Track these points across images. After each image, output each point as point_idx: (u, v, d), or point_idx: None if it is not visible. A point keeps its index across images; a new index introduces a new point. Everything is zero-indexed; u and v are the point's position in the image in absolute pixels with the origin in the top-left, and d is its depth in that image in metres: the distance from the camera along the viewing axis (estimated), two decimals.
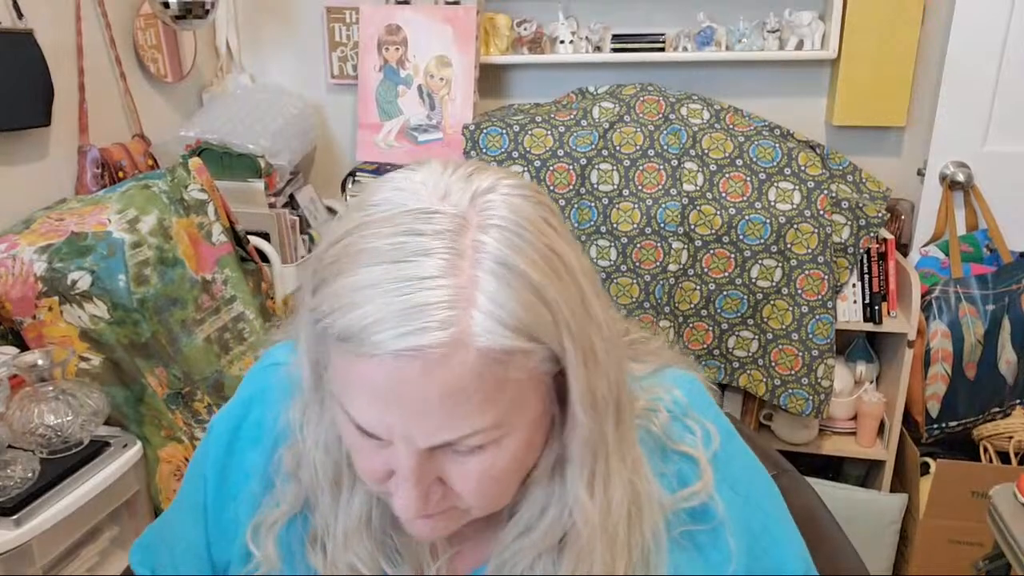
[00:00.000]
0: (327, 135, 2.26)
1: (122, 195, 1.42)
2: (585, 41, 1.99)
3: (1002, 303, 1.74)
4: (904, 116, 1.89)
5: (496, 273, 0.44)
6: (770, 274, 1.71)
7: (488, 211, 0.46)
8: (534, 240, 0.46)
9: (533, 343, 0.46)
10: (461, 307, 0.43)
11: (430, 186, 0.48)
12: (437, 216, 0.45)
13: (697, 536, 0.58)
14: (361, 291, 0.44)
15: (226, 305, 1.55)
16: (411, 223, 0.45)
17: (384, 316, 0.43)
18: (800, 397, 1.75)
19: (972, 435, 1.81)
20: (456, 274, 0.44)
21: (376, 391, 0.45)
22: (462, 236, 0.45)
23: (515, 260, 0.45)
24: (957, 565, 1.70)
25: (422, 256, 0.44)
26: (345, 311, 0.44)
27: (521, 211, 0.47)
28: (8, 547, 1.05)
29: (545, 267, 0.46)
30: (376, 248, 0.45)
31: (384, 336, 0.43)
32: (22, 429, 1.15)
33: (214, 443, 0.66)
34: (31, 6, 1.51)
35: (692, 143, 1.75)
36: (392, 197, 0.47)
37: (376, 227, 0.46)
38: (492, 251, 0.45)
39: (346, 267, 0.45)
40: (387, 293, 0.43)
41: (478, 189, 0.48)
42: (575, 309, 0.47)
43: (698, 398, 0.62)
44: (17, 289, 1.25)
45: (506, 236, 0.46)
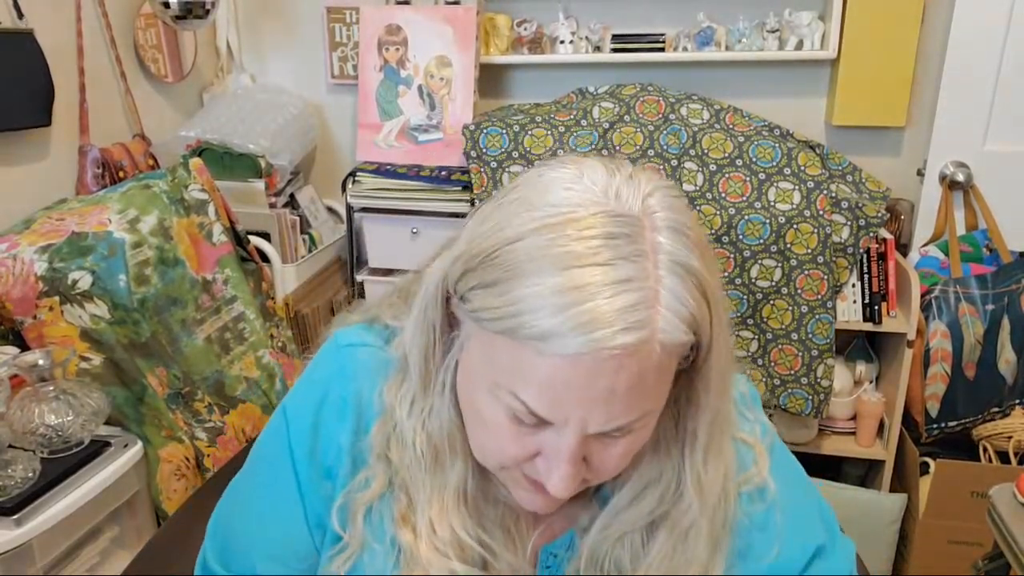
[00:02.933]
0: (327, 135, 2.27)
1: (123, 195, 1.42)
2: (585, 41, 1.99)
3: (1002, 303, 1.74)
4: (904, 116, 1.89)
5: (675, 272, 0.48)
6: (770, 274, 1.71)
7: (656, 213, 0.49)
8: (696, 239, 0.50)
9: (696, 336, 0.49)
10: (651, 307, 0.47)
11: (600, 187, 0.50)
12: (623, 219, 0.48)
13: (752, 515, 0.62)
14: (573, 292, 0.46)
15: (226, 305, 1.55)
16: (604, 226, 0.48)
17: (581, 321, 0.45)
18: (800, 397, 1.75)
19: (972, 435, 1.82)
20: (644, 276, 0.47)
21: (564, 383, 0.48)
22: (644, 238, 0.48)
23: (688, 259, 0.48)
24: (957, 565, 1.70)
25: (620, 259, 0.47)
26: (534, 316, 0.46)
27: (681, 211, 0.51)
28: (9, 547, 1.05)
29: (706, 263, 0.50)
30: (556, 250, 0.47)
31: (600, 335, 0.45)
32: (23, 429, 1.15)
33: (296, 419, 0.65)
34: (31, 6, 1.51)
35: (692, 143, 1.75)
36: (569, 198, 0.49)
37: (567, 228, 0.48)
38: (669, 251, 0.48)
39: (532, 270, 0.47)
40: (598, 295, 0.46)
41: (644, 191, 0.50)
42: (721, 299, 0.51)
43: (754, 395, 0.68)
44: (18, 289, 1.25)
45: (677, 237, 0.49)
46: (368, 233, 1.97)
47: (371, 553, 0.61)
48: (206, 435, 1.42)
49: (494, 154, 1.81)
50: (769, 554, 0.62)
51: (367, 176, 1.91)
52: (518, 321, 0.47)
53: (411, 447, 0.59)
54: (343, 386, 0.64)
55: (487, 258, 0.49)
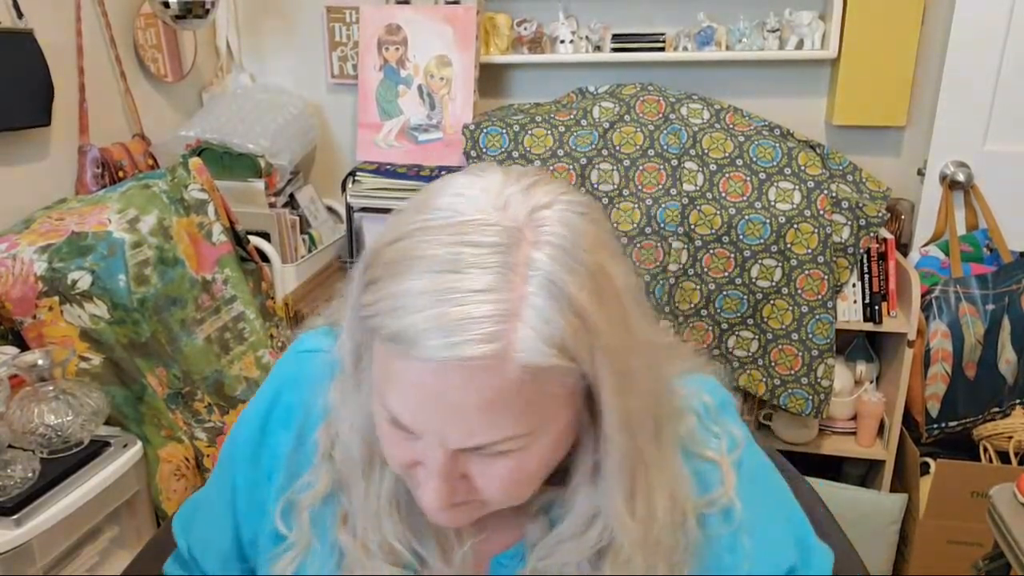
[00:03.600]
0: (327, 135, 2.26)
1: (122, 195, 1.42)
2: (585, 41, 1.99)
3: (1002, 303, 1.74)
4: (904, 116, 1.89)
5: (546, 291, 0.45)
6: (770, 274, 1.71)
7: (543, 227, 0.47)
8: (585, 260, 0.47)
9: (572, 363, 0.46)
10: (508, 322, 0.45)
11: (491, 196, 0.49)
12: (494, 228, 0.46)
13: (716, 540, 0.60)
14: (414, 297, 0.45)
15: (226, 305, 1.55)
16: (468, 233, 0.46)
17: (434, 325, 0.44)
18: (800, 397, 1.75)
19: (972, 435, 1.81)
20: (507, 288, 0.45)
21: (417, 392, 0.47)
22: (516, 251, 0.46)
23: (565, 280, 0.46)
24: (957, 565, 1.70)
25: (476, 268, 0.45)
26: (397, 315, 0.46)
27: (576, 229, 0.48)
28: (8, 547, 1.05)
29: (593, 289, 0.47)
30: (432, 256, 0.46)
31: (433, 344, 0.44)
32: (22, 429, 1.15)
33: (245, 426, 0.67)
34: (31, 6, 1.51)
35: (692, 143, 1.75)
36: (453, 203, 0.48)
37: (434, 234, 0.47)
38: (544, 269, 0.46)
39: (401, 270, 0.47)
40: (439, 303, 0.44)
41: (536, 203, 0.49)
42: (616, 331, 0.48)
43: (722, 403, 0.64)
44: (17, 289, 1.25)
45: (558, 255, 0.46)
46: (368, 233, 1.97)
47: (313, 554, 0.62)
48: (206, 435, 1.42)
49: (494, 154, 1.81)
50: None
51: (367, 176, 1.91)
52: (379, 321, 0.47)
53: (347, 449, 0.59)
54: (292, 394, 0.65)
55: (374, 257, 0.49)
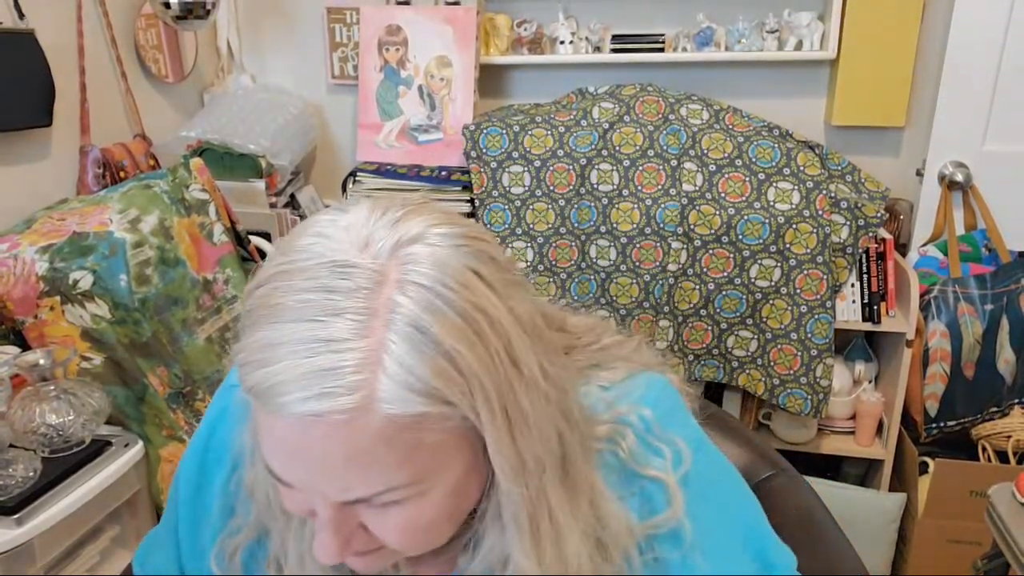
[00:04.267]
0: (328, 135, 2.27)
1: (123, 195, 1.43)
2: (585, 41, 2.00)
3: (1000, 303, 1.74)
4: (903, 116, 1.90)
5: (408, 337, 0.43)
6: (769, 274, 1.72)
7: (409, 265, 0.44)
8: (455, 299, 0.44)
9: (448, 407, 0.44)
10: (368, 371, 0.42)
11: (352, 234, 0.46)
12: (354, 272, 0.44)
13: (666, 562, 0.56)
14: (270, 349, 0.43)
15: (227, 305, 1.55)
16: (326, 278, 0.44)
17: (289, 378, 0.42)
18: (799, 396, 1.75)
19: (971, 434, 1.82)
20: (366, 335, 0.42)
21: (284, 447, 0.45)
22: (377, 294, 0.43)
23: (429, 322, 0.43)
24: (956, 564, 1.70)
25: (332, 316, 0.42)
26: (254, 367, 0.43)
27: (446, 265, 0.45)
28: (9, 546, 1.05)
29: (464, 328, 0.44)
30: (288, 304, 0.43)
31: (288, 399, 0.42)
32: (24, 428, 1.16)
33: (185, 466, 0.66)
34: (32, 6, 1.51)
35: (691, 143, 1.76)
36: (312, 246, 0.45)
37: (292, 278, 0.44)
38: (406, 313, 0.43)
39: (260, 319, 0.44)
40: (294, 354, 0.42)
41: (402, 238, 0.45)
42: (497, 370, 0.45)
43: (668, 410, 0.59)
44: (19, 289, 1.25)
45: (424, 296, 0.43)
46: None
47: None
48: None
49: (494, 154, 1.82)
50: None
51: (367, 176, 1.91)
52: (243, 372, 0.45)
53: (264, 493, 0.57)
54: (225, 429, 0.63)
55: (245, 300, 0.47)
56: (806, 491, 0.84)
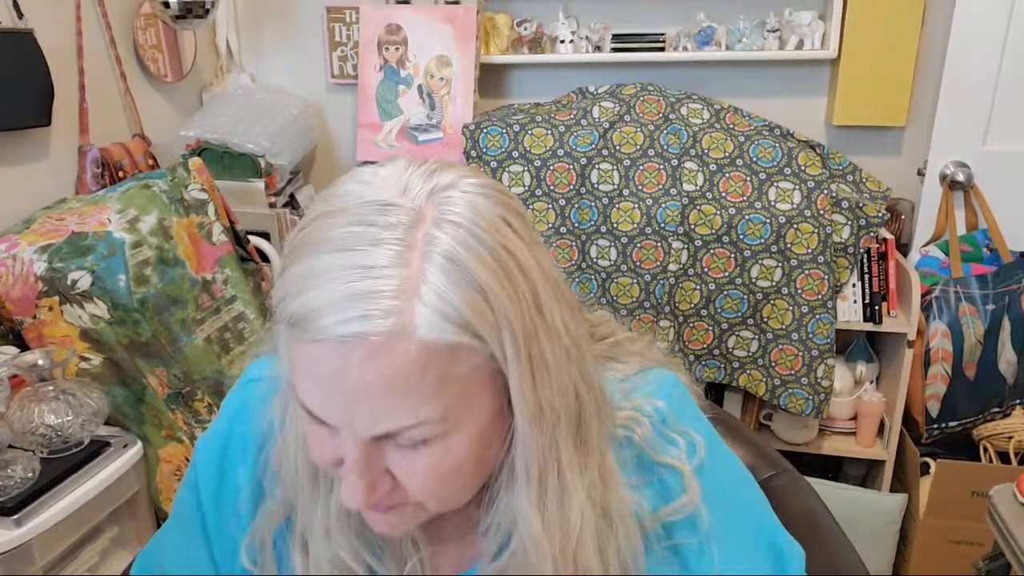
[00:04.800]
0: (327, 135, 2.27)
1: (122, 195, 1.42)
2: (585, 41, 1.99)
3: (1002, 303, 1.74)
4: (904, 116, 1.89)
5: (443, 268, 0.44)
6: (770, 274, 1.71)
7: (445, 207, 0.46)
8: (487, 239, 0.46)
9: (478, 340, 0.45)
10: (406, 298, 0.43)
11: (392, 181, 0.48)
12: (393, 208, 0.46)
13: (682, 548, 0.57)
14: (311, 277, 0.44)
15: (226, 305, 1.55)
16: (367, 214, 0.46)
17: (330, 301, 0.43)
18: (800, 397, 1.75)
19: (972, 435, 1.82)
20: (404, 265, 0.44)
21: (321, 376, 0.45)
22: (415, 229, 0.45)
23: (464, 256, 0.45)
24: (957, 565, 1.70)
25: (372, 246, 0.44)
26: (295, 296, 0.45)
27: (479, 209, 0.47)
28: (8, 547, 1.05)
29: (495, 267, 0.45)
30: (330, 237, 0.45)
31: (329, 321, 0.43)
32: (22, 429, 1.15)
33: (203, 463, 0.65)
34: (31, 6, 1.51)
35: (692, 143, 1.75)
36: (354, 189, 0.48)
37: (333, 217, 0.46)
38: (442, 246, 0.45)
39: (301, 253, 0.46)
40: (335, 279, 0.44)
41: (438, 185, 0.48)
42: (524, 312, 0.46)
43: (681, 405, 0.60)
44: (17, 289, 1.25)
45: (459, 233, 0.45)
46: None
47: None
48: None
49: (494, 154, 1.81)
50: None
51: None
52: (283, 305, 0.46)
53: (292, 463, 0.57)
54: (245, 425, 0.63)
55: (285, 248, 0.49)
56: (808, 491, 0.84)
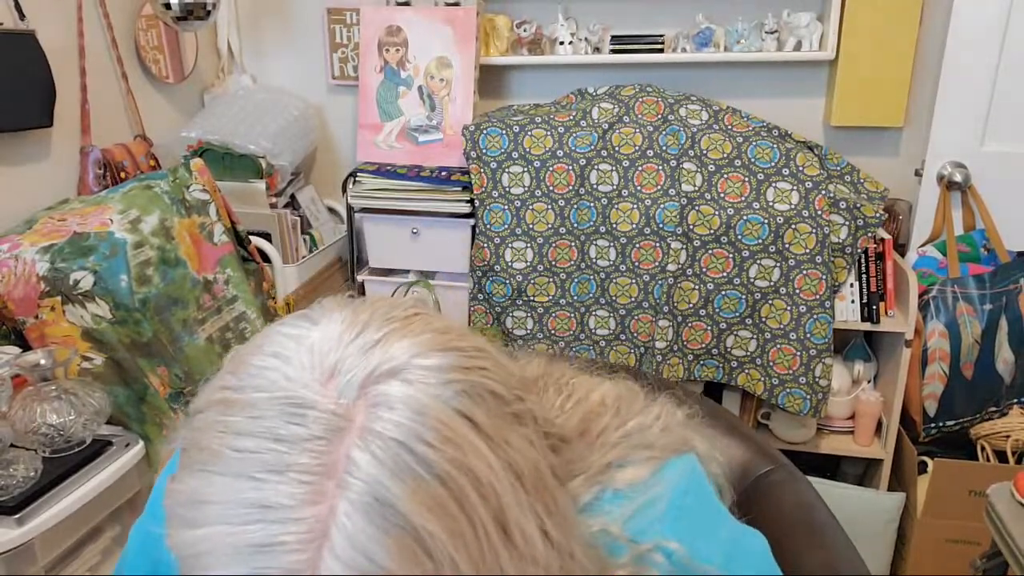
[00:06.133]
0: (328, 136, 2.27)
1: (124, 195, 1.43)
2: (584, 42, 2.00)
3: (999, 303, 1.74)
4: (902, 116, 1.90)
5: (365, 508, 0.34)
6: (768, 274, 1.72)
7: (379, 408, 0.36)
8: (433, 459, 0.35)
9: None
10: (313, 549, 0.34)
11: (317, 359, 0.38)
12: (309, 415, 0.36)
13: None
14: (199, 506, 0.36)
15: (228, 305, 1.55)
16: (275, 420, 0.36)
17: (217, 551, 0.35)
18: (798, 396, 1.75)
19: (969, 434, 1.82)
20: (315, 501, 0.34)
21: None
22: (336, 446, 0.35)
23: (394, 492, 0.34)
24: (954, 564, 1.71)
25: (276, 474, 0.35)
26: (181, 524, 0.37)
27: (427, 412, 0.36)
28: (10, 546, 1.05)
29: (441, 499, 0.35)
30: (224, 452, 0.36)
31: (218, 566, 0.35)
32: (24, 428, 1.16)
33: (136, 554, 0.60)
34: (33, 7, 1.51)
35: (691, 144, 1.76)
36: (266, 370, 0.38)
37: (235, 414, 0.37)
38: (365, 476, 0.34)
39: (193, 462, 0.37)
40: (225, 520, 0.35)
41: (376, 371, 0.37)
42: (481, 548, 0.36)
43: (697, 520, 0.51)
44: (19, 289, 1.26)
45: (392, 454, 0.35)
46: (369, 233, 1.98)
47: None
48: None
49: (494, 155, 1.82)
50: None
51: (367, 176, 1.92)
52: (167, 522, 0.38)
53: None
54: None
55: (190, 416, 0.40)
56: (804, 485, 0.84)
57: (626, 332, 1.84)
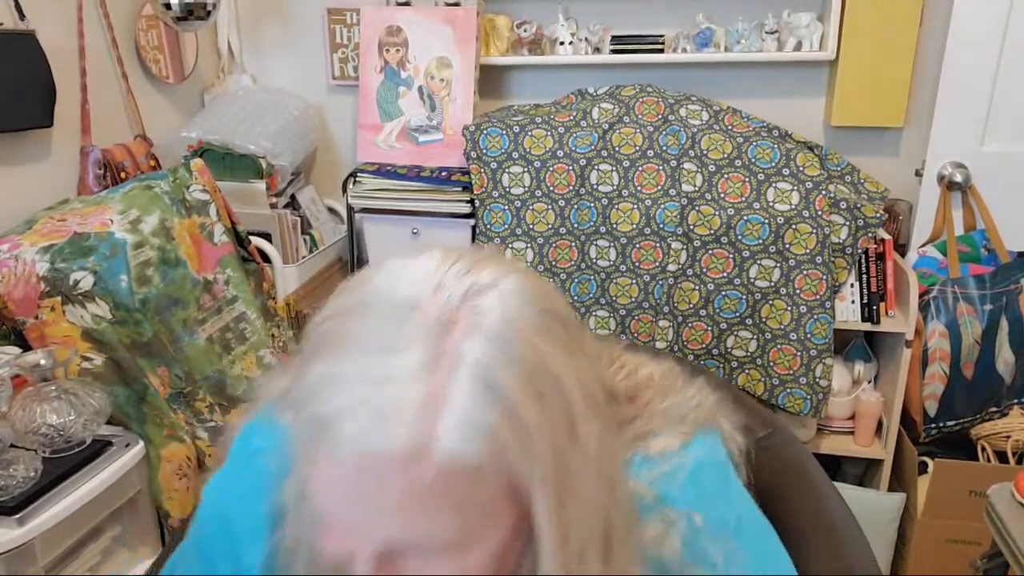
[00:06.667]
0: (328, 136, 2.27)
1: (124, 195, 1.43)
2: (584, 42, 2.00)
3: (1000, 303, 1.74)
4: (902, 116, 1.90)
5: (471, 385, 0.41)
6: (768, 274, 1.72)
7: (478, 315, 0.43)
8: (522, 353, 0.43)
9: (504, 464, 0.42)
10: (429, 415, 0.41)
11: (424, 278, 0.45)
12: (422, 313, 0.43)
13: None
14: (333, 382, 0.42)
15: (228, 305, 1.55)
16: (394, 316, 0.43)
17: (351, 411, 0.41)
18: (798, 396, 1.75)
19: (970, 434, 1.82)
20: (429, 378, 0.41)
21: (336, 483, 0.42)
22: (444, 338, 0.42)
23: (494, 373, 0.42)
24: (955, 564, 1.70)
25: (397, 354, 0.41)
26: (316, 397, 0.42)
27: (516, 318, 0.44)
28: (10, 546, 1.06)
29: (528, 385, 0.42)
30: (354, 337, 0.43)
31: (349, 432, 0.41)
32: (25, 428, 1.16)
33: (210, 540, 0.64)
34: (33, 7, 1.51)
35: (691, 144, 1.76)
36: (383, 285, 0.45)
37: (358, 315, 0.44)
38: (472, 361, 0.42)
39: (321, 352, 0.44)
40: (357, 388, 0.41)
41: (473, 286, 0.44)
42: (555, 435, 0.43)
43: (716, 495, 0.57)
44: (20, 289, 1.26)
45: (491, 347, 0.42)
46: (369, 233, 1.98)
47: None
48: (207, 435, 1.43)
49: (494, 155, 1.82)
50: None
51: (368, 177, 1.92)
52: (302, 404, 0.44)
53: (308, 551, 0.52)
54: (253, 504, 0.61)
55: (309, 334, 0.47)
56: (798, 447, 0.93)
57: (626, 332, 1.84)
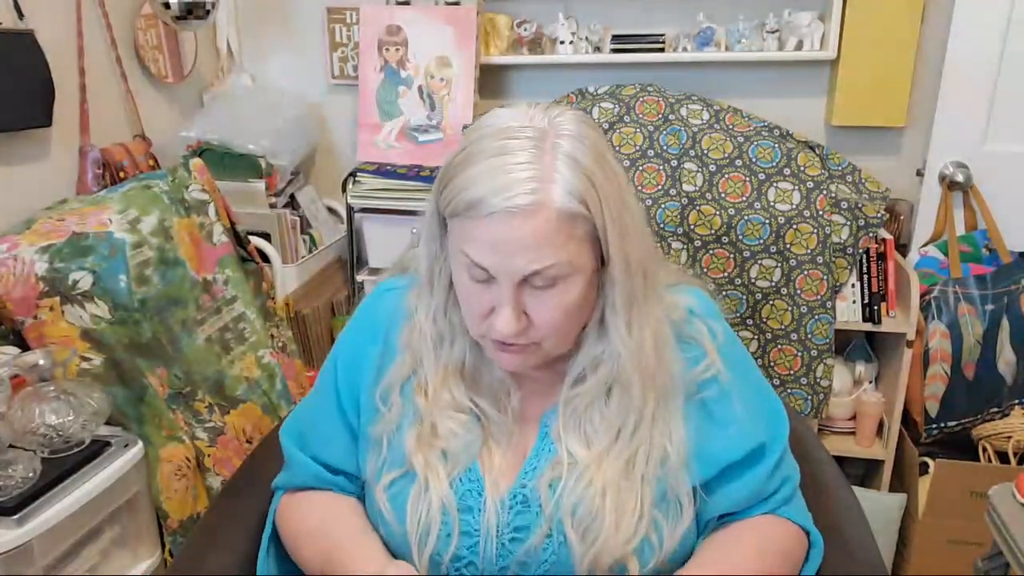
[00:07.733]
0: (328, 135, 2.27)
1: (123, 195, 1.43)
2: (585, 41, 2.00)
3: (1001, 303, 1.74)
4: (903, 116, 1.89)
5: (566, 163, 0.68)
6: (769, 274, 1.72)
7: (561, 127, 0.70)
8: (592, 146, 0.70)
9: (589, 212, 0.68)
10: (545, 183, 0.67)
11: (521, 113, 0.72)
12: (526, 129, 0.69)
13: (708, 401, 0.80)
14: (479, 175, 0.67)
15: (227, 305, 1.55)
16: (509, 133, 0.69)
17: (496, 188, 0.66)
18: (799, 397, 1.75)
19: (971, 435, 1.82)
20: (540, 162, 0.67)
21: (491, 237, 0.68)
22: (544, 140, 0.69)
23: (579, 156, 0.68)
24: (956, 565, 1.70)
25: (517, 151, 0.68)
26: (467, 189, 0.67)
27: (586, 130, 0.71)
28: (9, 547, 1.05)
29: (597, 164, 0.69)
30: (486, 149, 0.68)
31: (496, 200, 0.66)
32: (23, 429, 1.16)
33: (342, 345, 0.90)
34: (32, 6, 1.51)
35: (692, 143, 1.75)
36: (495, 121, 0.72)
37: (486, 138, 0.69)
38: (564, 149, 0.68)
39: (467, 164, 0.69)
40: (496, 175, 0.67)
41: (554, 114, 0.71)
42: (614, 196, 0.70)
43: (707, 307, 0.85)
44: (18, 289, 1.25)
45: (573, 141, 0.69)
46: (368, 233, 1.98)
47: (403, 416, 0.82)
48: (206, 435, 1.42)
49: None
50: (730, 427, 0.79)
51: (367, 176, 1.91)
52: (456, 202, 0.68)
53: (423, 334, 0.82)
54: (376, 315, 0.88)
55: (448, 166, 0.71)
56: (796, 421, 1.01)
57: None
